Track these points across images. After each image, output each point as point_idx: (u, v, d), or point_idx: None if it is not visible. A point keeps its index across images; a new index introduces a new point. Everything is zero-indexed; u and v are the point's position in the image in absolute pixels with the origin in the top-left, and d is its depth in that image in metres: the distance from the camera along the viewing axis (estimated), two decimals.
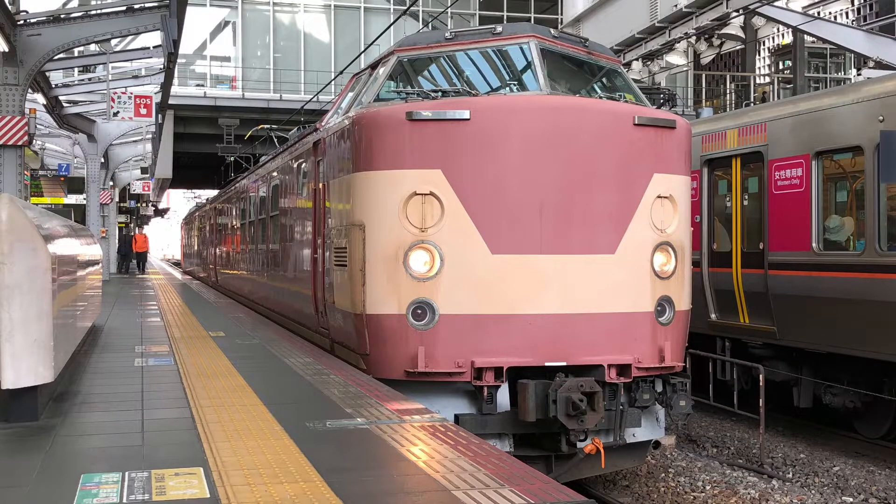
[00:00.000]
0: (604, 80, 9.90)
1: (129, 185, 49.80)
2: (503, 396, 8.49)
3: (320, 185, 10.36)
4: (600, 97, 9.44)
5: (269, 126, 25.65)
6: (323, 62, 41.24)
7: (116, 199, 46.10)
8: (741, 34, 23.76)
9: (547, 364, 8.40)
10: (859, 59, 29.72)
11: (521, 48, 9.18)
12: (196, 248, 36.16)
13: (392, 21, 25.11)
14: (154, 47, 20.29)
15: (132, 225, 59.71)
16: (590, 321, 8.50)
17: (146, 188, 50.85)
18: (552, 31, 9.57)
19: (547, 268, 8.38)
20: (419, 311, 8.33)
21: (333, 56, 41.36)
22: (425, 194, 8.33)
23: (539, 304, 8.38)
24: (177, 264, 70.35)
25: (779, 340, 12.32)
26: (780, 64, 34.70)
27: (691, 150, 9.57)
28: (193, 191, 72.47)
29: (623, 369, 8.60)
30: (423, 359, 8.28)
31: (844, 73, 33.26)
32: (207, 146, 37.78)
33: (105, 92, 22.68)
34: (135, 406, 6.81)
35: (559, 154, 8.41)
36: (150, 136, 33.86)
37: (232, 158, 36.08)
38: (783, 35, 32.82)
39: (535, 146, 8.39)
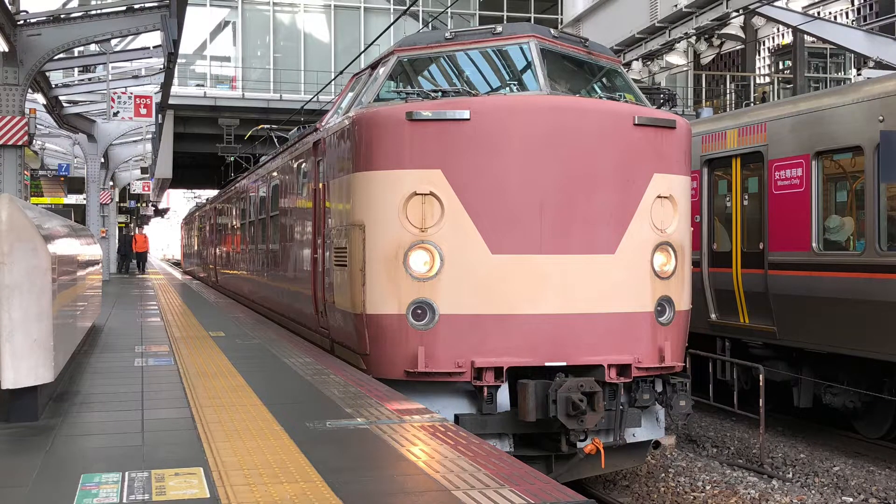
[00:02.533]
0: (604, 80, 9.88)
1: (129, 185, 49.51)
2: (503, 396, 8.48)
3: (320, 185, 10.31)
4: (600, 97, 9.44)
5: (268, 126, 25.30)
6: (323, 62, 41.10)
7: (116, 199, 45.71)
8: (741, 34, 23.72)
9: (547, 364, 8.38)
10: (859, 59, 29.67)
11: (521, 48, 9.16)
12: (196, 248, 35.89)
13: (392, 21, 25.06)
14: (154, 47, 20.15)
15: (132, 225, 59.63)
16: (590, 321, 8.48)
17: (146, 188, 50.38)
18: (552, 31, 9.57)
19: (547, 268, 8.37)
20: (419, 311, 8.31)
21: (333, 56, 41.23)
22: (425, 194, 8.31)
23: (539, 304, 8.37)
24: (177, 264, 69.37)
25: (779, 340, 12.30)
26: (781, 64, 34.61)
27: (691, 150, 9.57)
28: (193, 191, 72.18)
29: (623, 369, 8.59)
30: (423, 359, 8.25)
31: (844, 73, 33.15)
32: (207, 146, 37.58)
33: (105, 92, 22.55)
34: (135, 406, 6.79)
35: (559, 154, 8.39)
36: (150, 136, 33.64)
37: (232, 158, 35.63)
38: (783, 35, 32.76)
39: (535, 146, 8.37)
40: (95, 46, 20.16)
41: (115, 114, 21.58)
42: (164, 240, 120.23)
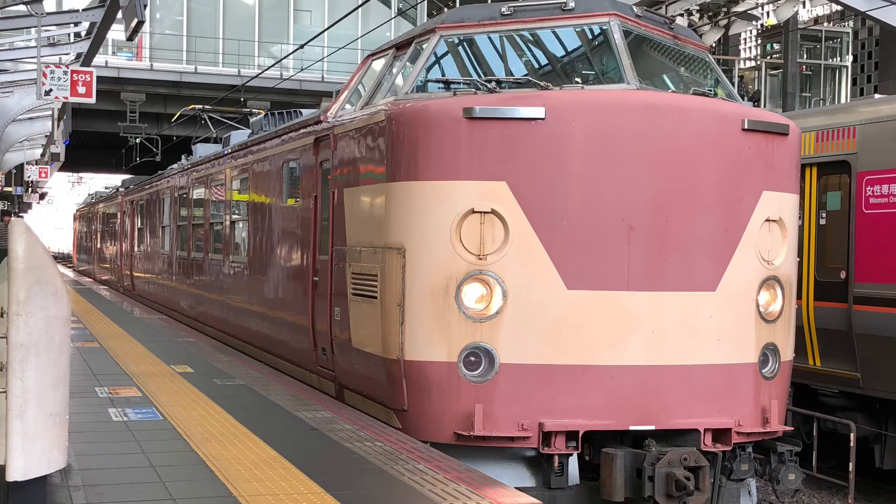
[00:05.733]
0: (692, 70, 8.33)
1: (23, 167, 41.42)
2: (573, 465, 7.04)
3: (331, 192, 8.59)
4: (691, 93, 7.82)
5: (201, 106, 22.35)
6: (245, 29, 37.20)
7: (2, 182, 39.57)
8: (757, 14, 22.18)
9: (632, 428, 6.94)
10: (856, 44, 28.71)
11: (601, 29, 7.64)
12: (99, 245, 31.25)
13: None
14: (84, 10, 17.07)
15: (11, 212, 52.62)
16: (685, 374, 7.04)
17: (43, 174, 42.14)
18: (634, 7, 8.03)
19: (636, 308, 6.92)
20: (473, 359, 6.87)
21: (258, 22, 37.84)
22: (485, 212, 6.84)
23: (624, 353, 6.93)
24: (65, 259, 65.12)
25: (862, 389, 10.40)
26: (768, 47, 33.08)
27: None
28: (80, 174, 66.55)
29: (719, 434, 7.15)
30: (480, 419, 6.81)
31: (840, 60, 31.70)
32: (106, 124, 34.41)
33: (12, 61, 19.09)
34: (159, 494, 5.36)
35: (653, 165, 6.93)
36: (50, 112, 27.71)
37: (138, 140, 32.51)
38: (767, 14, 30.78)
39: (623, 154, 6.90)
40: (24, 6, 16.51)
41: (48, 92, 16.82)
42: (40, 228, 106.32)
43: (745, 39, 33.88)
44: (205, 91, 32.22)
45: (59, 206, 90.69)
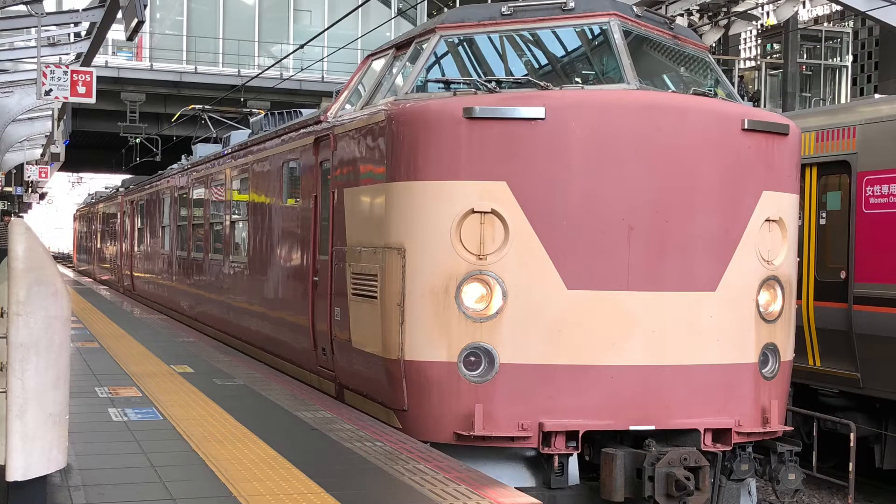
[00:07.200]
0: (692, 71, 8.33)
1: (23, 167, 41.08)
2: (573, 465, 7.06)
3: (331, 192, 8.61)
4: (691, 93, 7.85)
5: (201, 106, 22.22)
6: (245, 29, 37.11)
7: (2, 182, 39.33)
8: (757, 14, 22.21)
9: (632, 428, 6.95)
10: (856, 44, 28.80)
11: (602, 29, 7.62)
12: (99, 245, 31.28)
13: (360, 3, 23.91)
14: (83, 10, 17.00)
15: (11, 212, 52.71)
16: (684, 375, 7.05)
17: (43, 174, 41.81)
18: (634, 7, 8.02)
19: (635, 308, 6.93)
20: (473, 359, 6.87)
21: (258, 22, 37.77)
22: (485, 212, 6.84)
23: (624, 353, 6.94)
24: (65, 259, 64.99)
25: (862, 389, 10.39)
26: (768, 47, 33.01)
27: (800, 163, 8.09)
28: (80, 174, 66.77)
29: (719, 434, 7.16)
30: (480, 419, 6.82)
31: (840, 60, 31.56)
32: (106, 124, 34.41)
33: (12, 61, 19.11)
34: (160, 495, 5.38)
35: (653, 165, 6.94)
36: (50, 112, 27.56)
37: (138, 140, 32.43)
38: (767, 14, 30.68)
39: (623, 154, 6.91)
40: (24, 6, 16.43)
41: (48, 92, 16.75)
42: (42, 228, 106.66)
43: (745, 39, 33.81)
44: (205, 91, 32.23)
45: (59, 206, 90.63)
